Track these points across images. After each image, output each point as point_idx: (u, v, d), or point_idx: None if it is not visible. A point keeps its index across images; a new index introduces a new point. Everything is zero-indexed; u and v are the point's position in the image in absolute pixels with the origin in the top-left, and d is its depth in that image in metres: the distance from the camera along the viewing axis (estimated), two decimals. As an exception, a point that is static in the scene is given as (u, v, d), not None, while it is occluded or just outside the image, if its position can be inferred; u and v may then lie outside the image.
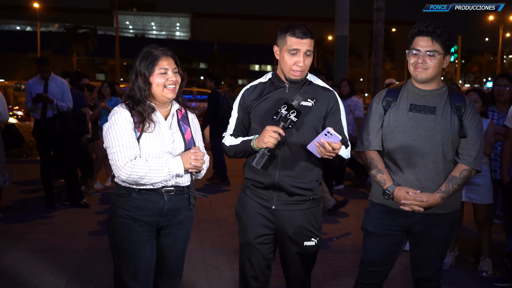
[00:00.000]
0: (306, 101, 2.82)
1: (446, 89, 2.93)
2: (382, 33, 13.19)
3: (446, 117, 2.84)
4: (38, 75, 6.86)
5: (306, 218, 2.90)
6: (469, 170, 2.87)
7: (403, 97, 2.94)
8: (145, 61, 2.70)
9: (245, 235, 2.96)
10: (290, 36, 2.77)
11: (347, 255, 5.10)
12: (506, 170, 4.52)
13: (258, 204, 2.92)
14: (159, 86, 2.71)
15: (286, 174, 2.82)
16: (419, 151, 2.83)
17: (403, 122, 2.87)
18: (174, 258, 2.90)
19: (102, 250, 5.03)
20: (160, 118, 2.77)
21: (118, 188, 2.76)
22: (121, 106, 2.74)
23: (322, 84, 2.94)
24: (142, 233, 2.74)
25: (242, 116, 2.98)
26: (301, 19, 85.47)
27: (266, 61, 75.91)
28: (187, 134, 2.86)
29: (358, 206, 7.14)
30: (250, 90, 2.97)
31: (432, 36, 2.79)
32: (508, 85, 4.93)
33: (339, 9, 11.24)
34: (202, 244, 5.36)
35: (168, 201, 2.77)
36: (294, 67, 2.77)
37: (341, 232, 5.92)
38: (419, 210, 2.80)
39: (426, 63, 2.80)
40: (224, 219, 6.41)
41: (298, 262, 3.00)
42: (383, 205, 2.98)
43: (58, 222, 6.13)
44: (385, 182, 2.89)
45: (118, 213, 2.74)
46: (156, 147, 2.70)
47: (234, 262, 4.82)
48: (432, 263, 3.02)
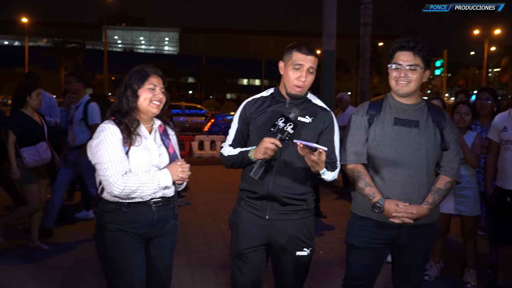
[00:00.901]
0: (304, 118, 2.92)
1: (425, 104, 3.00)
2: (369, 47, 13.32)
3: (429, 130, 2.90)
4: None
5: (298, 228, 2.96)
6: (452, 182, 2.96)
7: (386, 111, 2.98)
8: (136, 75, 2.84)
9: (237, 245, 3.01)
10: (296, 52, 2.88)
11: (333, 268, 5.12)
12: (490, 182, 4.59)
13: (252, 214, 2.98)
14: (146, 100, 2.82)
15: (280, 185, 2.88)
16: (405, 164, 2.88)
17: (389, 136, 2.91)
18: (162, 267, 2.97)
19: (88, 268, 5.00)
20: (145, 133, 2.88)
21: (105, 203, 2.81)
22: (109, 122, 2.79)
23: (320, 104, 3.04)
24: (133, 244, 2.80)
25: (241, 128, 3.05)
26: (288, 34, 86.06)
27: (254, 75, 76.25)
28: (171, 148, 2.97)
29: (344, 219, 7.16)
30: (251, 102, 3.06)
31: (413, 51, 2.85)
32: (490, 99, 5.03)
33: (326, 24, 11.32)
34: (189, 259, 5.35)
35: (157, 212, 2.85)
36: (296, 81, 2.88)
37: (327, 245, 5.95)
38: (409, 222, 2.83)
39: (408, 77, 2.86)
40: (211, 234, 6.41)
41: (290, 273, 3.04)
42: (368, 218, 3.01)
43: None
44: (374, 195, 2.89)
45: (108, 227, 2.78)
46: (144, 161, 2.79)
47: (221, 277, 4.82)
48: (414, 273, 3.08)
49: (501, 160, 4.35)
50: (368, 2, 13.05)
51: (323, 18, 11.42)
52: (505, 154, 4.30)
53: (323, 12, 11.41)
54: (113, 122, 2.79)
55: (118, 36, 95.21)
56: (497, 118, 4.49)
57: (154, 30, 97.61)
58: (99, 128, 2.79)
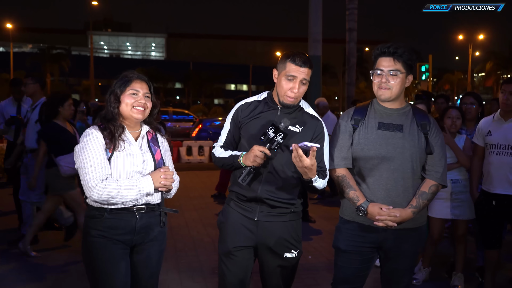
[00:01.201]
0: (295, 127, 2.95)
1: (410, 108, 3.04)
2: (355, 52, 13.44)
3: (413, 134, 2.94)
4: (11, 97, 6.80)
5: (286, 230, 3.00)
6: (437, 185, 2.98)
7: (371, 116, 3.02)
8: (120, 81, 2.85)
9: (225, 244, 3.04)
10: (290, 63, 2.90)
11: (321, 273, 5.14)
12: (475, 186, 4.64)
13: (241, 215, 3.02)
14: (128, 106, 2.82)
15: (268, 190, 2.93)
16: (389, 168, 2.91)
17: (373, 140, 2.95)
18: (148, 274, 2.95)
19: (75, 274, 4.98)
20: (130, 139, 2.88)
21: (89, 209, 2.82)
22: (93, 127, 2.82)
23: (312, 113, 3.07)
24: (116, 250, 2.79)
25: (233, 130, 3.09)
26: (275, 39, 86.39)
27: (241, 80, 76.28)
28: (157, 155, 2.95)
29: (332, 224, 7.20)
30: (244, 106, 3.08)
31: (394, 56, 2.90)
32: (474, 103, 5.09)
33: (312, 30, 11.42)
34: (178, 265, 5.34)
35: (140, 218, 2.84)
36: (288, 92, 2.90)
37: (316, 250, 5.97)
38: (392, 226, 2.85)
39: (389, 82, 2.91)
40: (200, 239, 6.40)
41: (278, 275, 3.07)
42: (354, 222, 3.04)
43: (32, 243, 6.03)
44: (358, 199, 2.93)
45: (91, 233, 2.79)
46: (127, 167, 2.78)
47: (210, 282, 4.82)
48: (402, 277, 3.09)
49: (486, 164, 4.40)
50: (353, 8, 13.17)
51: (309, 24, 11.52)
52: (489, 158, 4.35)
53: (309, 18, 11.50)
54: (97, 128, 2.80)
55: (104, 42, 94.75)
56: (481, 122, 4.55)
57: (141, 35, 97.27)
58: (84, 133, 2.81)
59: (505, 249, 5.12)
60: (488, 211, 4.35)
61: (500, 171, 4.25)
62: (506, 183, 4.22)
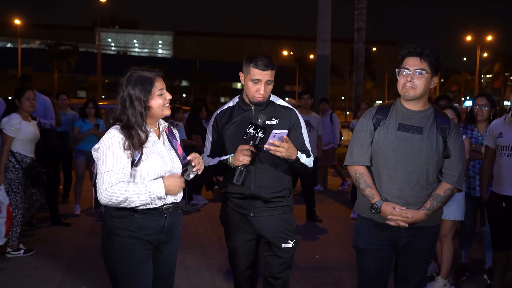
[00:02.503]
0: (271, 120, 3.19)
1: (432, 111, 3.05)
2: (363, 52, 13.38)
3: (432, 137, 2.96)
4: (20, 93, 6.81)
5: (281, 222, 3.25)
6: (452, 189, 3.01)
7: (392, 116, 3.05)
8: (141, 85, 2.70)
9: (231, 240, 3.36)
10: (253, 67, 3.10)
11: (329, 272, 5.13)
12: (486, 188, 4.62)
13: (238, 213, 3.28)
14: (160, 107, 2.76)
15: (261, 185, 3.18)
16: (405, 169, 2.95)
17: (392, 141, 2.97)
18: (167, 272, 2.95)
19: (83, 269, 5.00)
20: (154, 138, 2.81)
21: (116, 209, 2.72)
22: (116, 129, 2.69)
23: (283, 104, 3.30)
24: (144, 251, 2.76)
25: (216, 138, 3.32)
26: (283, 37, 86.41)
27: (248, 79, 76.18)
28: (179, 149, 2.94)
29: (340, 224, 7.20)
30: (221, 114, 3.33)
31: (421, 56, 2.93)
32: (487, 105, 5.05)
33: (320, 29, 11.38)
34: (185, 262, 5.35)
35: (168, 218, 2.84)
36: (256, 93, 3.14)
37: (323, 249, 5.96)
38: (403, 226, 2.92)
39: (414, 81, 2.92)
40: (207, 237, 6.41)
41: (278, 263, 3.27)
42: (370, 219, 3.08)
43: (39, 240, 6.07)
44: (373, 197, 2.98)
45: (120, 234, 2.72)
46: (158, 167, 2.74)
47: (217, 280, 4.82)
48: (413, 275, 3.12)
49: (497, 166, 4.38)
50: (362, 7, 13.11)
51: (318, 23, 11.47)
52: (500, 160, 4.33)
53: (317, 17, 11.46)
54: (120, 130, 2.68)
55: (111, 39, 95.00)
56: (493, 124, 4.52)
57: (148, 33, 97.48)
58: (106, 133, 2.70)
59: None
60: (498, 213, 4.34)
61: (510, 173, 4.23)
62: (516, 185, 4.20)
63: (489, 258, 5.00)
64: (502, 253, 4.40)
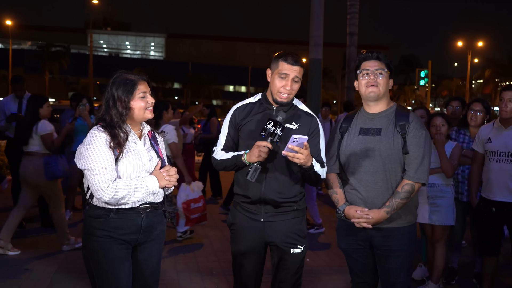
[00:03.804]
0: (291, 124, 3.08)
1: (394, 109, 3.16)
2: (355, 57, 13.45)
3: (389, 136, 3.06)
4: (12, 94, 6.80)
5: (291, 227, 3.13)
6: (411, 184, 3.04)
7: (356, 123, 3.22)
8: (123, 87, 2.80)
9: (237, 245, 3.20)
10: (282, 62, 3.03)
11: (319, 276, 5.14)
12: (475, 193, 4.65)
13: (247, 218, 3.14)
14: (141, 110, 2.84)
15: (271, 189, 3.05)
16: (369, 171, 3.07)
17: (354, 145, 3.14)
18: (149, 272, 2.98)
19: (73, 272, 4.98)
20: (135, 138, 2.88)
21: (93, 209, 2.82)
22: (98, 128, 2.78)
23: (306, 110, 3.20)
24: (121, 251, 2.80)
25: (232, 133, 3.19)
26: (275, 42, 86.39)
27: (240, 82, 76.29)
28: (160, 153, 2.99)
29: (331, 227, 7.21)
30: (240, 109, 3.21)
31: (378, 58, 3.11)
32: (481, 111, 5.07)
33: (313, 33, 11.42)
34: (176, 265, 5.35)
35: (145, 218, 2.87)
36: (281, 89, 3.03)
37: (314, 253, 5.97)
38: (367, 226, 3.02)
39: (377, 80, 3.07)
40: (198, 240, 6.41)
41: (289, 269, 3.17)
42: (345, 220, 3.18)
43: (28, 242, 6.04)
44: (337, 202, 3.16)
45: (96, 234, 2.78)
46: (135, 166, 2.80)
47: (208, 283, 4.82)
48: (397, 278, 3.14)
49: (486, 171, 4.41)
50: (355, 12, 13.21)
51: (310, 27, 11.52)
52: (489, 165, 4.36)
53: (310, 21, 11.51)
54: (102, 129, 2.77)
55: (103, 41, 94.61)
56: (481, 129, 4.55)
57: (140, 35, 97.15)
58: (89, 135, 2.77)
59: (502, 257, 5.12)
60: (487, 218, 4.37)
61: (499, 178, 4.26)
62: (505, 190, 4.24)
63: (479, 263, 5.02)
64: (491, 258, 4.43)
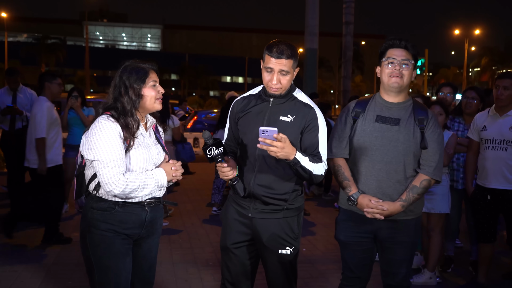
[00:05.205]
0: (286, 117, 2.91)
1: (411, 103, 3.08)
2: (351, 46, 13.40)
3: (409, 128, 2.98)
4: (7, 86, 6.77)
5: (280, 227, 2.97)
6: (429, 180, 3.02)
7: (371, 109, 3.08)
8: (136, 75, 2.73)
9: (224, 239, 3.09)
10: (268, 54, 2.84)
11: (316, 266, 5.15)
12: (470, 181, 4.65)
13: (237, 211, 3.04)
14: (151, 99, 2.78)
15: (260, 184, 2.92)
16: (383, 160, 2.98)
17: (369, 132, 3.01)
18: (148, 266, 2.95)
19: (69, 264, 4.97)
20: (142, 131, 2.83)
21: (97, 201, 2.73)
22: (107, 118, 2.68)
23: (305, 101, 2.97)
24: (123, 246, 2.76)
25: (232, 126, 3.13)
26: (272, 32, 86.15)
27: (237, 73, 76.19)
28: (165, 146, 2.96)
29: (326, 216, 7.22)
30: (239, 101, 3.11)
31: (406, 48, 2.98)
32: (476, 98, 5.08)
33: (308, 23, 11.38)
34: (172, 256, 5.34)
35: (150, 212, 2.83)
36: (269, 83, 2.87)
37: (310, 243, 5.98)
38: (380, 218, 2.93)
39: (402, 71, 2.96)
40: (194, 231, 6.40)
41: (277, 270, 3.06)
42: (350, 211, 3.10)
43: (23, 235, 6.02)
44: (350, 189, 3.02)
45: (100, 227, 2.71)
46: (145, 158, 2.75)
47: (204, 274, 4.82)
48: (399, 268, 3.13)
49: (481, 159, 4.41)
50: (351, 1, 13.13)
51: (306, 17, 11.48)
52: (485, 153, 4.36)
53: (305, 11, 11.46)
54: (112, 119, 2.67)
55: (99, 32, 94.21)
56: (477, 117, 4.55)
57: (136, 26, 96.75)
58: (98, 124, 2.66)
59: (498, 244, 5.12)
60: (483, 206, 4.37)
61: (495, 166, 4.27)
62: (501, 178, 4.24)
63: (475, 250, 5.03)
64: (487, 246, 4.44)
